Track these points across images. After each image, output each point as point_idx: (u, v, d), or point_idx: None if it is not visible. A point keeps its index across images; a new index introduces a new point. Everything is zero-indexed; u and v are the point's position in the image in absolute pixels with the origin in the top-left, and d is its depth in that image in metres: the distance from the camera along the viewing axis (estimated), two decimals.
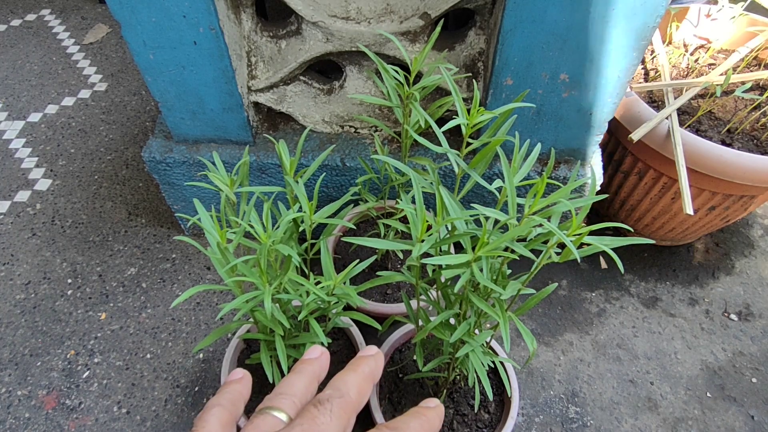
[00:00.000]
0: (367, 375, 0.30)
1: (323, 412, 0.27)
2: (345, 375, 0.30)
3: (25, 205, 1.26)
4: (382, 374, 0.85)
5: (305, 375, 0.31)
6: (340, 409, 0.27)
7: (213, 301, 1.09)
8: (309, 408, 0.27)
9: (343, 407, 0.27)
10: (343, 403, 0.28)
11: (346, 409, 0.28)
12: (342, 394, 0.28)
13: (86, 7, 1.90)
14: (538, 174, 0.96)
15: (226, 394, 0.31)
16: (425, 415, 0.29)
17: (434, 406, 0.30)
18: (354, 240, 0.51)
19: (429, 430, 0.29)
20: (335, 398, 0.28)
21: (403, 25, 0.84)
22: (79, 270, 1.14)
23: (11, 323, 1.05)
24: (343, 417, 0.27)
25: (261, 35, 0.92)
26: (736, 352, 1.05)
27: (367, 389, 0.30)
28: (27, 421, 0.92)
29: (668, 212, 1.06)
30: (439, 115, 0.72)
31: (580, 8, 0.72)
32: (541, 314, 1.09)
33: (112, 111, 1.50)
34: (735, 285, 1.16)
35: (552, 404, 0.97)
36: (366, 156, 0.97)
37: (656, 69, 1.12)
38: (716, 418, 0.96)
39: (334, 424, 0.26)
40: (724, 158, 0.90)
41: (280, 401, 0.28)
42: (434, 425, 0.29)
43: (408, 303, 0.70)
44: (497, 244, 0.46)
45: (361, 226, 1.05)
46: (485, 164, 0.56)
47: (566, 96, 0.84)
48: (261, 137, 1.01)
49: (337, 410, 0.27)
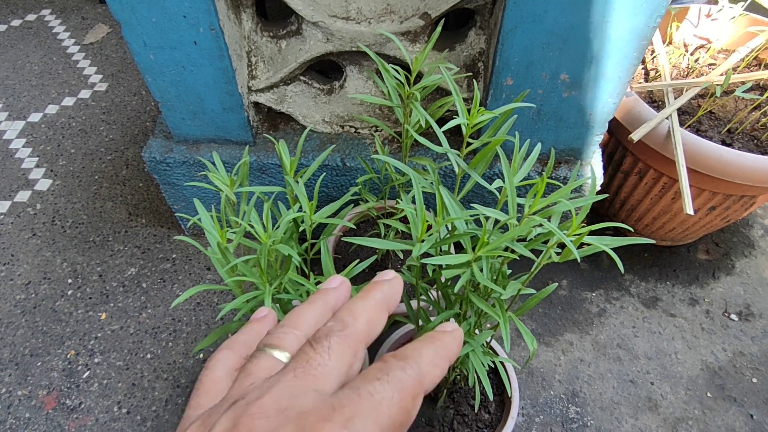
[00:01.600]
0: (379, 301, 0.26)
1: (320, 352, 0.23)
2: (352, 303, 0.26)
3: (26, 206, 1.26)
4: None
5: (317, 306, 0.27)
6: (342, 344, 0.23)
7: (213, 301, 1.09)
8: (305, 348, 0.23)
9: (346, 341, 0.24)
10: (346, 336, 0.24)
11: (349, 343, 0.24)
12: (345, 325, 0.24)
13: (86, 7, 1.90)
14: (538, 174, 0.96)
15: (242, 335, 0.27)
16: (441, 339, 0.25)
17: (451, 330, 0.26)
18: (354, 240, 0.51)
19: (445, 357, 0.25)
20: (335, 332, 0.24)
21: (404, 25, 0.84)
22: (80, 270, 1.14)
23: (11, 323, 1.05)
24: (346, 353, 0.23)
25: (261, 35, 0.92)
26: (737, 352, 1.05)
27: (378, 317, 0.26)
28: (27, 421, 0.92)
29: (668, 212, 1.06)
30: (439, 115, 0.72)
31: (581, 8, 0.72)
32: (542, 314, 1.09)
33: (112, 111, 1.50)
34: (735, 285, 1.16)
35: (552, 404, 0.97)
36: (366, 156, 0.97)
37: (656, 69, 1.12)
38: (716, 418, 0.96)
39: (333, 363, 0.23)
40: (725, 158, 0.90)
41: (281, 338, 0.25)
42: (451, 351, 0.25)
43: (408, 303, 0.69)
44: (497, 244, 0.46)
45: (361, 226, 1.05)
46: (485, 164, 0.56)
47: (566, 96, 0.84)
48: (261, 137, 1.01)
49: (337, 347, 0.23)
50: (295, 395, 0.21)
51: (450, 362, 0.25)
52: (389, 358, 0.23)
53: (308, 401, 0.21)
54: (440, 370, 0.24)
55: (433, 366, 0.24)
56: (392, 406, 0.21)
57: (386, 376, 0.22)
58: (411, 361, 0.23)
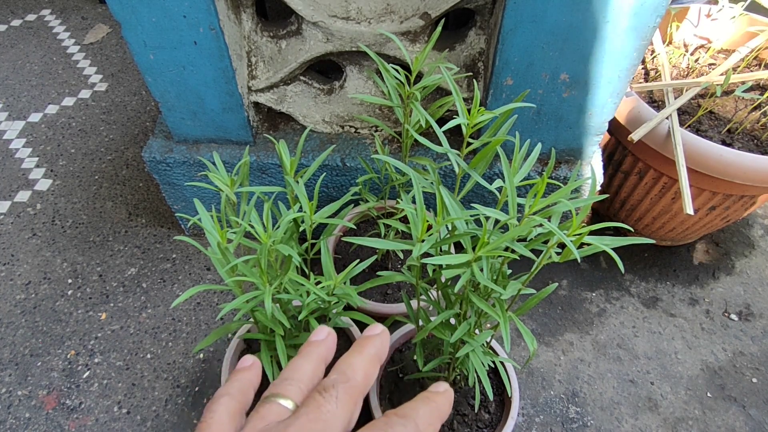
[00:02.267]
0: (373, 356, 0.29)
1: (329, 400, 0.26)
2: (350, 358, 0.29)
3: (26, 205, 1.26)
4: (383, 374, 0.85)
5: (312, 358, 0.30)
6: (347, 394, 0.26)
7: (213, 301, 1.09)
8: (314, 395, 0.26)
9: (349, 393, 0.27)
10: (350, 388, 0.27)
11: (352, 394, 0.27)
12: (348, 378, 0.27)
13: (86, 7, 1.90)
14: (538, 174, 0.96)
15: (235, 382, 0.30)
16: (435, 400, 0.28)
17: (443, 391, 0.29)
18: (354, 240, 0.51)
19: (438, 417, 0.28)
20: (341, 384, 0.27)
21: (404, 25, 0.84)
22: (80, 270, 1.14)
23: (11, 323, 1.05)
24: (349, 403, 0.26)
25: (261, 35, 0.92)
26: (737, 352, 1.05)
27: (373, 371, 0.29)
28: (27, 421, 0.92)
29: (668, 212, 1.06)
30: (439, 115, 0.72)
31: (581, 8, 0.72)
32: (542, 314, 1.09)
33: (112, 111, 1.50)
34: (735, 285, 1.16)
35: (552, 404, 0.97)
36: (366, 156, 0.97)
37: (656, 69, 1.12)
38: (716, 418, 0.96)
39: (341, 411, 0.26)
40: (725, 158, 0.90)
41: (285, 388, 0.27)
42: (443, 411, 0.28)
43: (408, 303, 0.69)
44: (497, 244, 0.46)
45: (361, 226, 1.05)
46: (485, 164, 0.56)
47: (566, 96, 0.84)
48: (261, 137, 1.01)
49: (343, 396, 0.26)
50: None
51: (442, 422, 0.28)
52: (391, 415, 0.26)
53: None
54: (433, 429, 0.27)
55: (428, 425, 0.27)
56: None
57: (390, 429, 0.25)
58: (410, 420, 0.26)
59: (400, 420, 0.26)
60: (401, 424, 0.25)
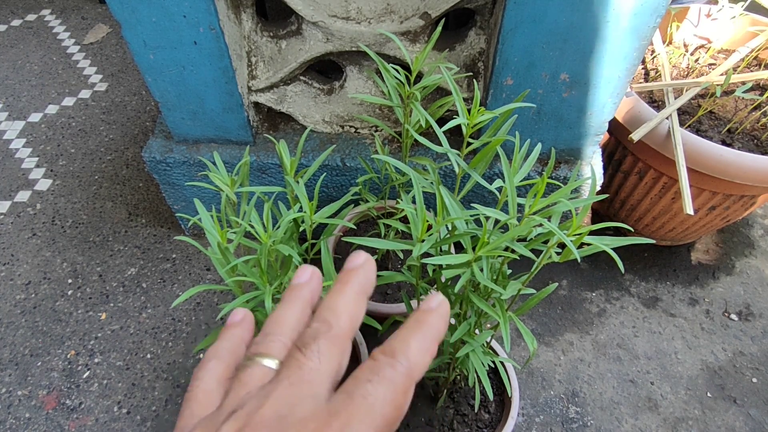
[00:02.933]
0: (357, 293, 0.26)
1: (310, 356, 0.23)
2: (331, 299, 0.26)
3: (26, 205, 1.26)
4: None
5: (295, 305, 0.27)
6: (330, 345, 0.24)
7: (213, 301, 1.09)
8: (294, 353, 0.24)
9: (333, 341, 0.24)
10: (333, 336, 0.24)
11: (337, 343, 0.24)
12: (330, 326, 0.25)
13: (86, 7, 1.90)
14: (538, 174, 0.96)
15: (225, 342, 0.28)
16: (427, 322, 0.25)
17: (436, 306, 0.26)
18: (354, 240, 0.51)
19: (433, 340, 0.25)
20: (322, 334, 0.24)
21: (404, 25, 0.84)
22: (80, 270, 1.14)
23: (11, 323, 1.05)
24: (334, 353, 0.24)
25: (261, 35, 0.92)
26: (737, 352, 1.05)
27: (359, 310, 0.26)
28: (27, 421, 0.92)
29: (668, 212, 1.06)
30: (439, 115, 0.72)
31: (581, 8, 0.72)
32: (542, 314, 1.09)
33: (112, 111, 1.50)
34: (735, 285, 1.16)
35: (552, 404, 0.97)
36: (366, 156, 0.97)
37: (656, 69, 1.12)
38: (716, 418, 0.96)
39: (325, 365, 0.23)
40: (725, 158, 0.90)
41: (267, 345, 0.25)
42: (438, 331, 0.25)
43: (408, 303, 0.69)
44: (497, 243, 0.46)
45: (361, 226, 1.05)
46: (485, 164, 0.56)
47: (566, 96, 0.84)
48: (261, 137, 1.01)
49: (326, 348, 0.24)
50: (293, 403, 0.22)
51: (439, 341, 0.25)
52: (379, 356, 0.24)
53: (306, 408, 0.22)
54: (430, 355, 0.25)
55: (422, 354, 0.24)
56: (385, 406, 0.22)
57: (377, 376, 0.23)
58: (400, 356, 0.24)
59: (388, 360, 0.23)
60: (389, 365, 0.23)
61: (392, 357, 0.24)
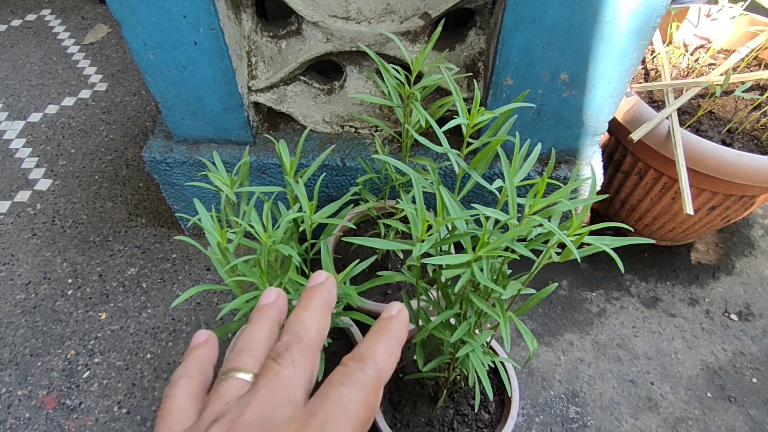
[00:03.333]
0: (322, 307, 0.29)
1: (285, 365, 0.25)
2: (299, 314, 0.28)
3: (26, 205, 1.26)
4: None
5: (264, 324, 0.29)
6: (302, 355, 0.26)
7: (213, 301, 1.09)
8: (269, 364, 0.26)
9: (305, 352, 0.26)
10: (304, 347, 0.27)
11: (308, 353, 0.27)
12: (300, 338, 0.27)
13: (86, 7, 1.90)
14: (538, 174, 0.96)
15: (192, 362, 0.29)
16: (389, 329, 0.28)
17: (396, 314, 0.29)
18: (354, 240, 0.51)
19: (397, 344, 0.28)
20: (294, 345, 0.26)
21: (404, 25, 0.84)
22: (80, 270, 1.14)
23: (11, 323, 1.05)
24: (307, 362, 0.26)
25: (261, 35, 0.92)
26: (737, 352, 1.05)
27: (325, 323, 0.29)
28: (27, 421, 0.92)
29: (668, 212, 1.06)
30: (439, 115, 0.72)
31: (581, 8, 0.72)
32: (542, 314, 1.09)
33: (112, 111, 1.50)
34: (735, 285, 1.16)
35: (552, 404, 0.97)
36: (366, 156, 0.97)
37: (656, 69, 1.12)
38: (716, 418, 0.96)
39: (299, 373, 0.26)
40: (725, 158, 0.90)
41: (241, 360, 0.27)
42: (401, 336, 0.28)
43: (408, 303, 0.69)
44: (497, 244, 0.46)
45: (361, 226, 1.05)
46: (485, 164, 0.56)
47: (566, 96, 0.84)
48: (261, 137, 1.01)
49: (299, 358, 0.26)
50: (274, 408, 0.24)
51: (401, 345, 0.28)
52: (349, 362, 0.26)
53: (286, 412, 0.24)
54: (394, 359, 0.27)
55: (388, 358, 0.27)
56: (359, 406, 0.24)
57: (349, 379, 0.25)
58: (368, 361, 0.26)
59: (358, 365, 0.26)
60: (359, 369, 0.25)
61: (361, 362, 0.26)
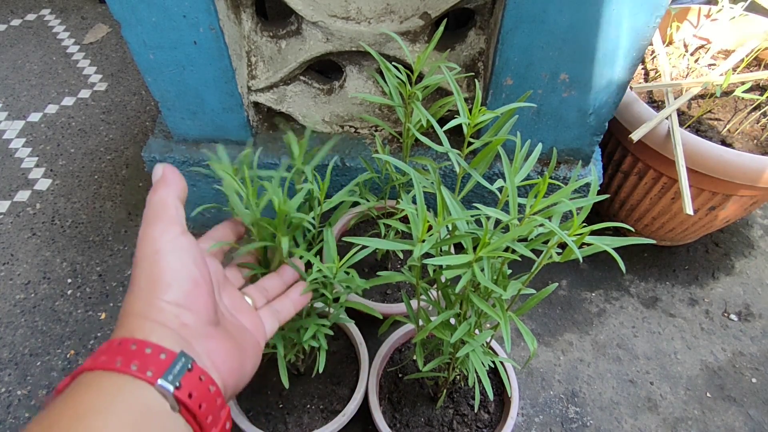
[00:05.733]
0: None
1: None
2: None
3: (25, 205, 1.26)
4: (382, 374, 0.85)
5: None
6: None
7: None
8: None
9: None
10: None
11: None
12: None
13: (86, 7, 1.90)
14: (538, 174, 0.96)
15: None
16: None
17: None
18: (354, 240, 0.51)
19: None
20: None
21: (403, 25, 0.84)
22: (79, 270, 1.14)
23: (11, 323, 1.05)
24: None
25: (261, 35, 0.92)
26: (736, 353, 1.05)
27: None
28: (27, 420, 0.92)
29: (668, 212, 1.06)
30: (440, 115, 0.72)
31: (581, 8, 0.72)
32: (541, 314, 1.09)
33: (112, 111, 1.50)
34: (735, 285, 1.16)
35: (552, 404, 0.97)
36: (366, 156, 0.97)
37: (656, 69, 1.12)
38: (716, 418, 0.96)
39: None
40: (725, 158, 0.90)
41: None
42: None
43: (408, 303, 0.69)
44: (498, 244, 0.46)
45: (361, 226, 1.05)
46: (486, 164, 0.56)
47: (566, 96, 0.84)
48: (261, 137, 1.01)
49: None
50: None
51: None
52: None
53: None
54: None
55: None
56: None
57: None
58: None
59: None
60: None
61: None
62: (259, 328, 0.47)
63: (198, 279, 0.38)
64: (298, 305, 0.54)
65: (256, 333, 0.45)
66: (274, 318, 0.50)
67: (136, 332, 0.33)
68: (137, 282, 0.36)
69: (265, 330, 0.48)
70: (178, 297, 0.36)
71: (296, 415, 0.80)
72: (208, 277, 0.39)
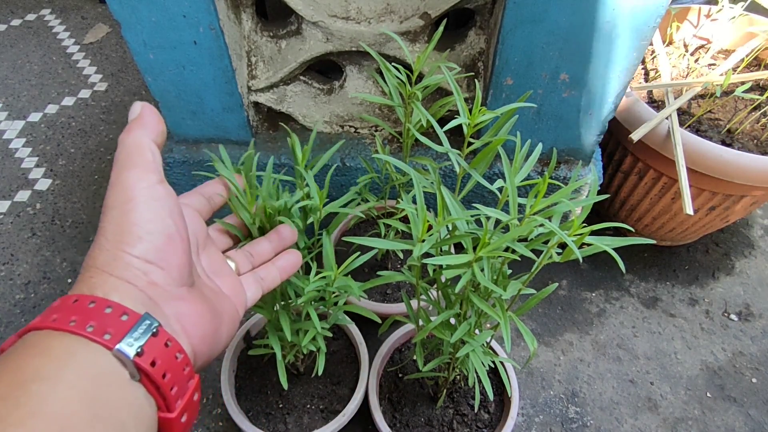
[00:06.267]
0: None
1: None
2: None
3: (25, 205, 1.26)
4: (382, 374, 0.85)
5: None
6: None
7: None
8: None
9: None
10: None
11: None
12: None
13: (86, 7, 1.90)
14: (538, 174, 0.96)
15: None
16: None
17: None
18: (354, 239, 0.51)
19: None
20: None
21: (403, 25, 0.84)
22: (79, 269, 1.13)
23: (11, 323, 1.05)
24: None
25: (261, 35, 0.92)
26: (736, 352, 1.05)
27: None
28: None
29: (668, 212, 1.06)
30: (440, 115, 0.72)
31: (581, 8, 0.72)
32: (541, 314, 1.09)
33: (112, 111, 1.50)
34: (735, 285, 1.16)
35: (552, 404, 0.97)
36: (366, 156, 0.97)
37: (656, 69, 1.12)
38: (716, 418, 0.96)
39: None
40: (724, 158, 0.90)
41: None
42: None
43: (408, 303, 0.69)
44: (498, 244, 0.46)
45: (361, 226, 1.05)
46: (486, 164, 0.56)
47: (566, 96, 0.84)
48: (261, 137, 1.01)
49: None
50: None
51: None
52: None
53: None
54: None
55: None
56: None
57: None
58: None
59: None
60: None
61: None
62: (240, 294, 0.43)
63: (173, 234, 0.33)
64: (285, 274, 0.49)
65: (235, 299, 0.41)
66: (258, 285, 0.46)
67: (96, 289, 0.30)
68: (104, 233, 0.32)
69: (246, 297, 0.44)
70: (148, 252, 0.32)
71: (296, 415, 0.80)
72: (185, 234, 0.35)
